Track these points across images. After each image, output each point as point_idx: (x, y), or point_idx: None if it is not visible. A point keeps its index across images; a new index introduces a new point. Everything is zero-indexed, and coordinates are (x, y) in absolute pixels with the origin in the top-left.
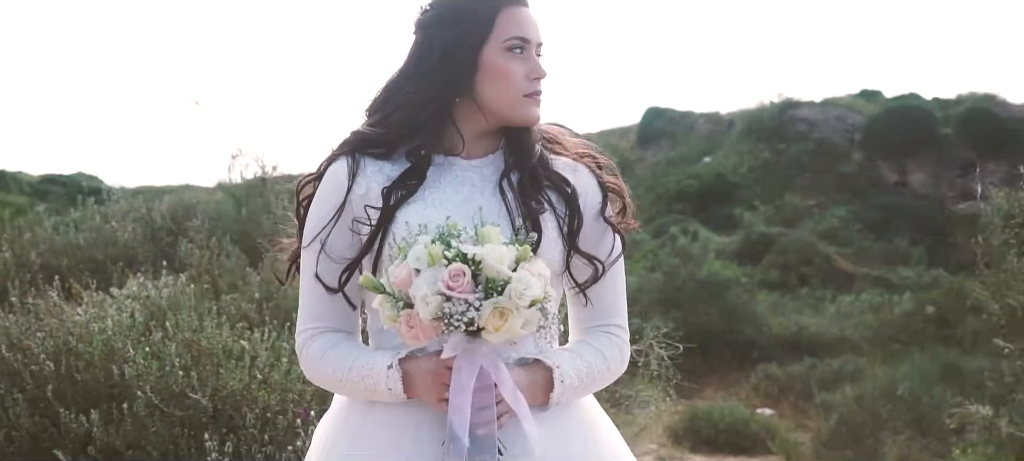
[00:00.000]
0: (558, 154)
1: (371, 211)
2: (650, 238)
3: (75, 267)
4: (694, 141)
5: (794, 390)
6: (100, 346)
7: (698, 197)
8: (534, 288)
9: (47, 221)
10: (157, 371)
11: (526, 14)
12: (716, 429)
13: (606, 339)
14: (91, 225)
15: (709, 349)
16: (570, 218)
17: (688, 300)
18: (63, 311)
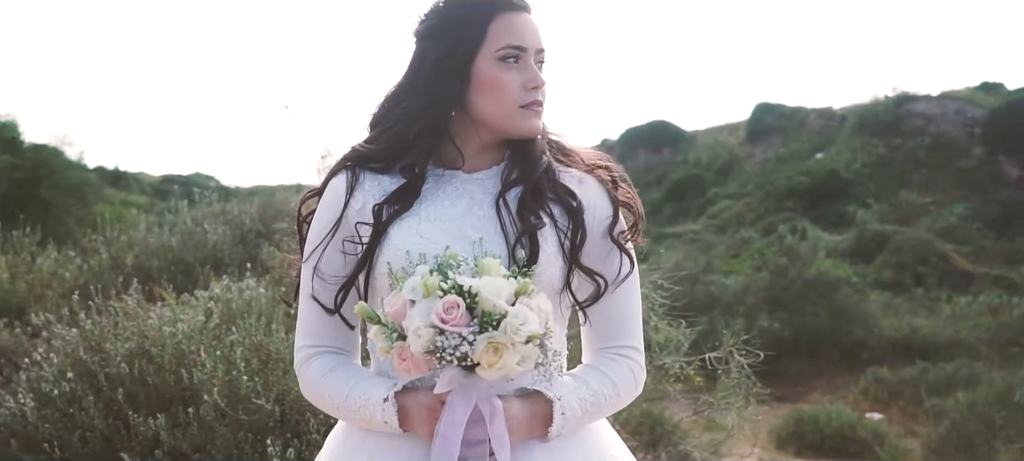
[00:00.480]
0: (568, 166)
1: (362, 228)
2: (759, 236)
3: (166, 269)
4: (805, 137)
5: (904, 394)
6: (171, 349)
7: (809, 194)
8: (531, 324)
9: (143, 223)
10: (224, 375)
11: (522, 20)
12: (822, 434)
13: (617, 363)
14: (182, 227)
15: (816, 351)
16: (573, 232)
17: (795, 300)
18: (138, 314)
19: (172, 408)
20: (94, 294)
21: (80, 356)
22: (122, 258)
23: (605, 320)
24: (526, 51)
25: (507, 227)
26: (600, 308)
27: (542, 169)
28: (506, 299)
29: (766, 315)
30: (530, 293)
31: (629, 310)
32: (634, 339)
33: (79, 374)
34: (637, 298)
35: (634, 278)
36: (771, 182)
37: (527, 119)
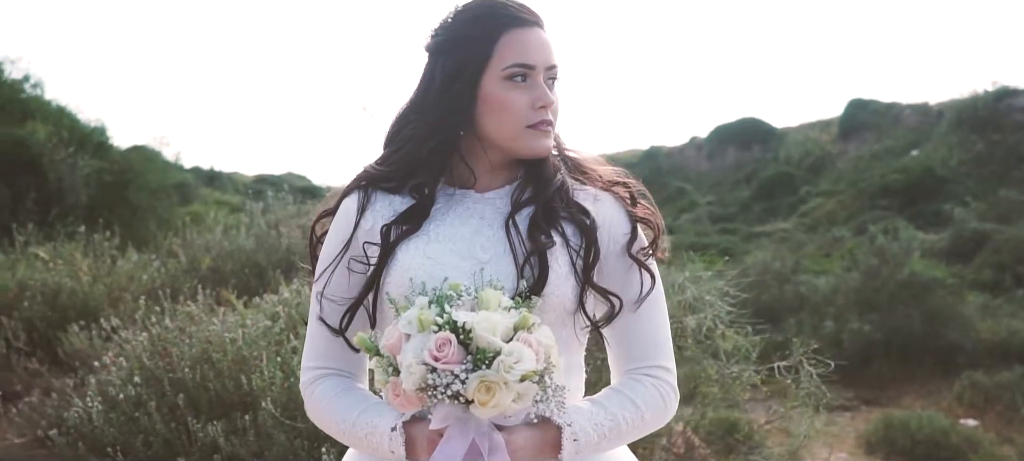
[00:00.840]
0: (584, 184)
1: (370, 248)
2: (851, 235)
3: (239, 272)
4: (900, 133)
5: (1001, 400)
6: (231, 355)
7: (904, 192)
8: (527, 362)
9: (220, 225)
10: (282, 381)
11: (532, 37)
12: (913, 439)
13: (643, 384)
14: (257, 230)
15: (909, 354)
16: (586, 251)
17: (887, 301)
18: (202, 320)
19: (231, 414)
20: (162, 298)
21: (145, 361)
22: (199, 261)
23: (630, 340)
24: (534, 69)
25: (516, 248)
26: (624, 328)
27: (554, 188)
28: (503, 334)
29: (856, 317)
30: (531, 327)
31: (655, 329)
32: (662, 358)
33: (145, 378)
34: (663, 316)
35: (658, 295)
36: (864, 180)
37: (535, 139)
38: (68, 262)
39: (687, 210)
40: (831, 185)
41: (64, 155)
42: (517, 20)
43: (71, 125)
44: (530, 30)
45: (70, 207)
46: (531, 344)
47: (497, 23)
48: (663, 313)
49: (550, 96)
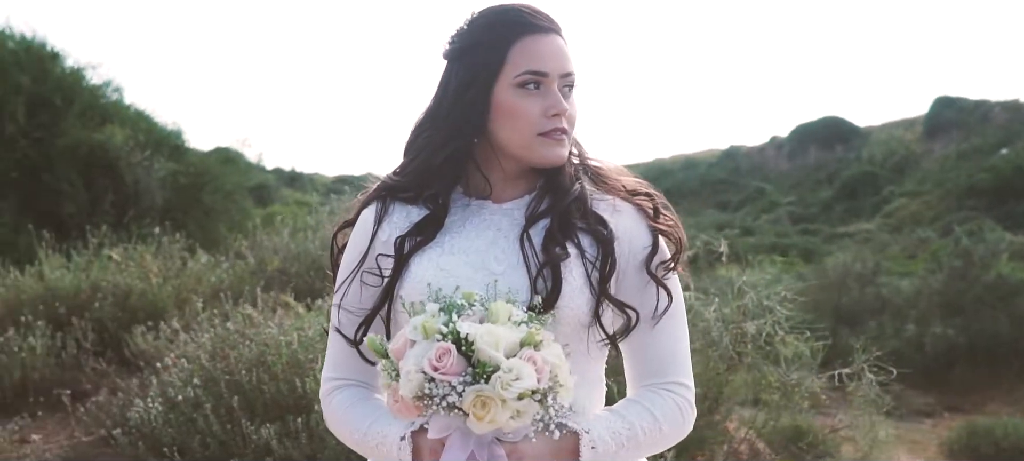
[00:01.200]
0: (605, 194)
1: (383, 261)
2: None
3: (305, 274)
4: (989, 132)
5: None
6: (286, 358)
7: (992, 192)
8: (526, 380)
9: (286, 227)
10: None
11: (546, 43)
12: (998, 447)
13: (661, 396)
14: (322, 232)
15: (995, 359)
16: (602, 263)
17: (972, 305)
18: (260, 322)
19: (285, 417)
20: (225, 301)
21: (204, 363)
22: (267, 263)
23: (647, 355)
24: (547, 76)
25: (530, 260)
26: (641, 343)
27: (572, 198)
28: (506, 349)
29: (939, 320)
30: (537, 344)
31: (673, 344)
32: (680, 375)
33: (204, 380)
34: (682, 331)
35: (678, 311)
36: (951, 179)
37: (547, 148)
38: (139, 264)
39: (767, 211)
40: (916, 185)
41: (140, 158)
42: (531, 27)
43: (148, 129)
44: (544, 37)
45: (146, 209)
46: (535, 362)
47: (510, 30)
48: (682, 328)
49: (563, 104)
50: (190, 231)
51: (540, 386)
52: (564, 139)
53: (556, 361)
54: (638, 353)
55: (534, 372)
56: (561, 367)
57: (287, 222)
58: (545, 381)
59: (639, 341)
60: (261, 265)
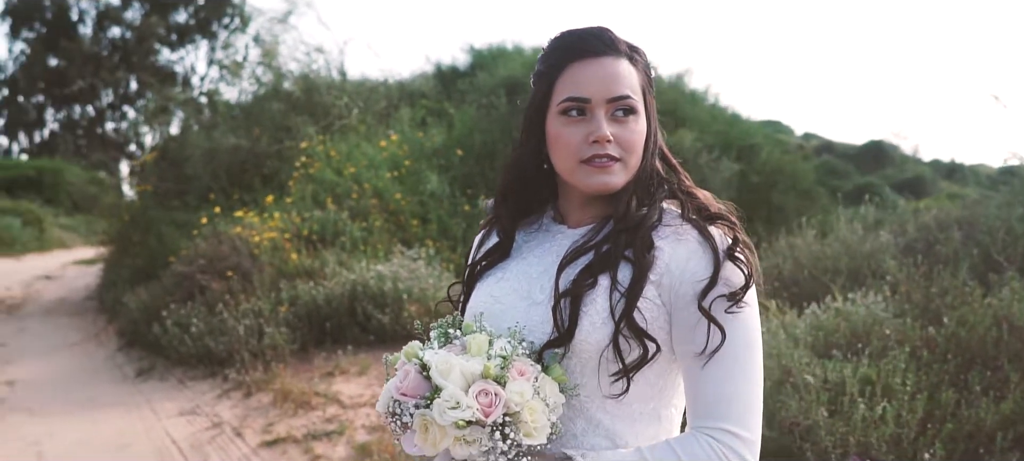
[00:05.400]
0: (685, 220)
1: (454, 290)
2: None
3: (819, 277)
4: None
5: None
6: None
7: None
8: (462, 411)
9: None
10: None
11: (591, 70)
12: None
13: (699, 442)
14: (842, 234)
15: None
16: (629, 291)
17: None
18: None
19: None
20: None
21: None
22: (797, 261)
23: (694, 395)
24: (589, 102)
25: (558, 291)
26: (691, 383)
27: (624, 227)
28: (458, 378)
29: None
30: (499, 378)
31: (722, 386)
32: (730, 422)
33: None
34: (741, 374)
35: (735, 351)
36: None
37: (589, 176)
38: None
39: None
40: None
41: (707, 159)
42: (578, 52)
43: (723, 131)
44: (593, 61)
45: None
46: (487, 393)
47: (560, 57)
48: (743, 371)
49: (604, 130)
50: (756, 231)
51: (484, 418)
52: (611, 166)
53: (518, 399)
54: (688, 393)
55: (476, 404)
56: (528, 406)
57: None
58: (496, 415)
59: (689, 381)
60: (779, 268)
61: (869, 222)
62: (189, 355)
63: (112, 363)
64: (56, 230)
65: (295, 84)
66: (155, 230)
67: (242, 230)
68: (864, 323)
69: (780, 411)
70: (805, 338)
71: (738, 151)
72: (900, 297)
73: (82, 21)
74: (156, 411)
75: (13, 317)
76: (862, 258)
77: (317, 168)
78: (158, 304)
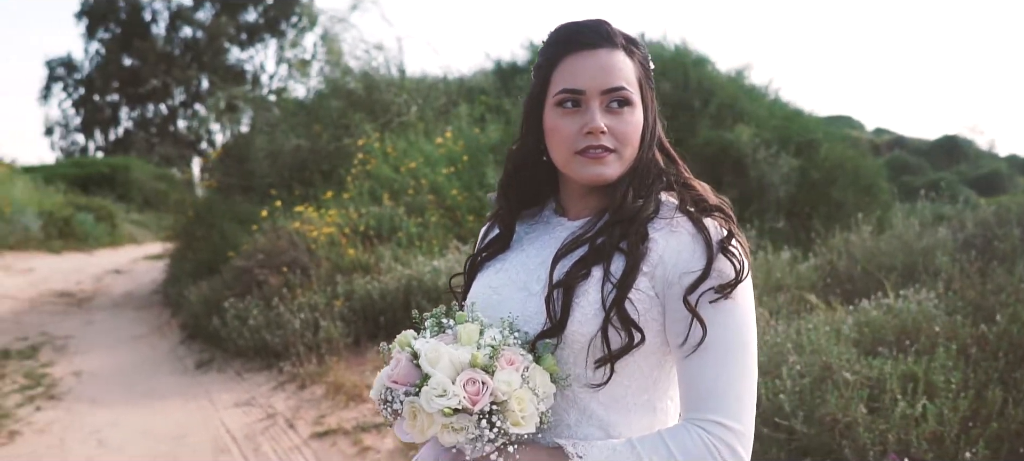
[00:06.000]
0: (682, 212)
1: (456, 280)
2: None
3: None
4: None
5: None
6: None
7: None
8: (449, 398)
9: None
10: (772, 390)
11: (586, 61)
12: None
13: (689, 432)
14: (899, 230)
15: None
16: (620, 281)
17: None
18: None
19: None
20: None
21: None
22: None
23: (685, 386)
24: (584, 93)
25: (547, 281)
26: (681, 373)
27: (619, 218)
28: (447, 367)
29: None
30: (487, 367)
31: (713, 378)
32: (720, 412)
33: None
34: (732, 366)
35: (725, 343)
36: None
37: (583, 167)
38: None
39: None
40: None
41: (765, 155)
42: (573, 45)
43: (781, 126)
44: (588, 53)
45: (768, 204)
46: (474, 382)
47: (556, 50)
48: (733, 362)
49: (598, 121)
50: (813, 226)
51: (471, 407)
52: (605, 157)
53: (505, 388)
54: (681, 385)
55: (463, 392)
56: (516, 395)
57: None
58: (483, 403)
59: (682, 372)
60: (833, 264)
61: (926, 218)
62: (247, 348)
63: (174, 355)
64: (127, 226)
65: (356, 82)
66: (218, 226)
67: (300, 226)
68: (914, 320)
69: (819, 407)
70: (852, 335)
71: (797, 146)
72: (953, 294)
73: (155, 21)
74: (214, 402)
75: (83, 310)
76: (917, 254)
77: (374, 165)
78: (218, 298)
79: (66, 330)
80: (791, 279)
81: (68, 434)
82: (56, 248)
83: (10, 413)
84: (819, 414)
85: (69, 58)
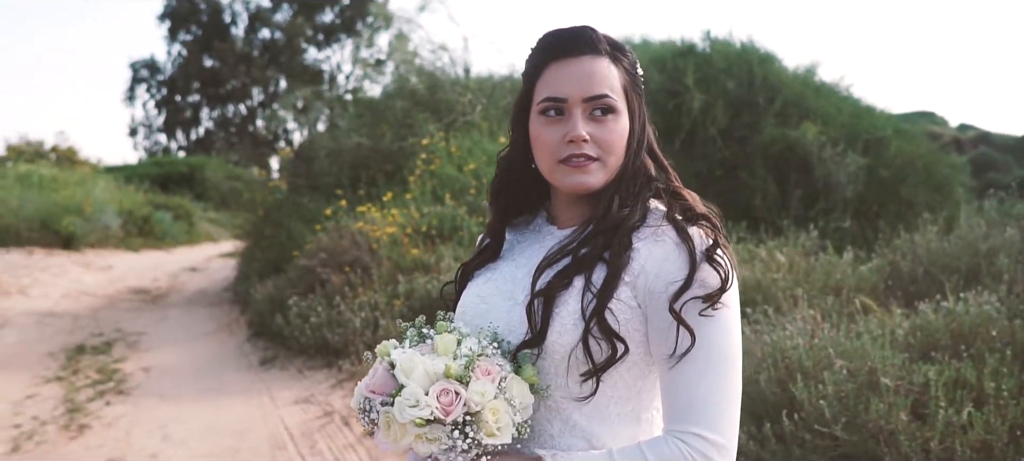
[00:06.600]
0: (669, 220)
1: (448, 287)
2: None
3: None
4: None
5: None
6: (773, 360)
7: None
8: (421, 409)
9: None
10: (813, 395)
11: (569, 69)
12: None
13: (669, 445)
14: (964, 230)
15: None
16: (600, 291)
17: None
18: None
19: (762, 418)
20: (782, 299)
21: None
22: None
23: (667, 399)
24: (566, 101)
25: (529, 290)
26: (664, 385)
27: (603, 228)
28: (422, 377)
29: None
30: (461, 377)
31: (694, 389)
32: (700, 425)
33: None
34: (713, 378)
35: (707, 354)
36: None
37: (566, 175)
38: (770, 256)
39: None
40: None
41: (831, 153)
42: (558, 51)
43: (847, 124)
44: (571, 61)
45: (834, 203)
46: (448, 392)
47: (541, 58)
48: (714, 374)
49: (579, 129)
50: (880, 227)
51: (444, 417)
52: (588, 165)
53: (479, 398)
54: (663, 396)
55: (436, 402)
56: (490, 406)
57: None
58: (456, 414)
59: (663, 383)
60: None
61: (995, 218)
62: (308, 345)
63: (240, 352)
64: (205, 224)
65: (420, 81)
66: (285, 225)
67: (363, 225)
68: (972, 324)
69: (862, 414)
70: (906, 339)
71: (866, 144)
72: (1016, 297)
73: (235, 23)
74: (274, 399)
75: (157, 306)
76: (982, 256)
77: (438, 164)
78: (282, 296)
79: (140, 326)
80: (852, 280)
81: (134, 428)
82: (135, 246)
83: (81, 407)
84: (862, 420)
85: (152, 60)
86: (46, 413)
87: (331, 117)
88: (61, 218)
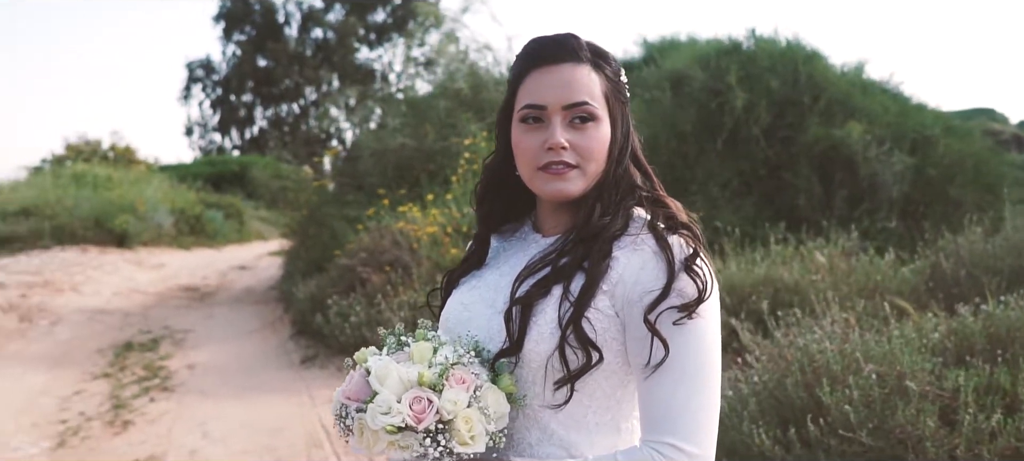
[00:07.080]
0: (650, 229)
1: (433, 299)
2: None
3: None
4: None
5: None
6: (801, 363)
7: None
8: (392, 416)
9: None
10: (840, 399)
11: (548, 76)
12: None
13: (642, 453)
14: (1004, 233)
15: None
16: (577, 300)
17: None
18: (808, 331)
19: (788, 423)
20: (816, 301)
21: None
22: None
23: (644, 409)
24: (545, 109)
25: (508, 298)
26: (641, 394)
27: (592, 232)
28: (395, 384)
29: None
30: (435, 385)
31: (673, 401)
32: (677, 437)
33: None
34: (689, 388)
35: (683, 365)
36: None
37: (546, 182)
38: (810, 257)
39: None
40: None
41: (877, 152)
42: (538, 59)
43: (894, 123)
44: (552, 68)
45: (880, 203)
46: (421, 400)
47: (522, 66)
48: (691, 385)
49: (557, 137)
50: (926, 228)
51: (416, 425)
52: (567, 173)
53: (451, 407)
54: (640, 405)
55: (408, 410)
56: (463, 415)
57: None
58: (429, 422)
59: (641, 393)
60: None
61: None
62: (348, 344)
63: (282, 350)
64: (255, 222)
65: (463, 81)
66: (328, 224)
67: (404, 225)
68: (1010, 328)
69: (889, 419)
70: (942, 343)
71: (913, 143)
72: None
73: (288, 23)
74: (313, 397)
75: (205, 304)
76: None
77: (479, 164)
78: (324, 295)
79: (187, 324)
80: (893, 282)
81: (176, 425)
82: (187, 244)
83: (126, 403)
84: (889, 426)
85: (208, 60)
86: (92, 409)
87: (383, 116)
88: (115, 217)
